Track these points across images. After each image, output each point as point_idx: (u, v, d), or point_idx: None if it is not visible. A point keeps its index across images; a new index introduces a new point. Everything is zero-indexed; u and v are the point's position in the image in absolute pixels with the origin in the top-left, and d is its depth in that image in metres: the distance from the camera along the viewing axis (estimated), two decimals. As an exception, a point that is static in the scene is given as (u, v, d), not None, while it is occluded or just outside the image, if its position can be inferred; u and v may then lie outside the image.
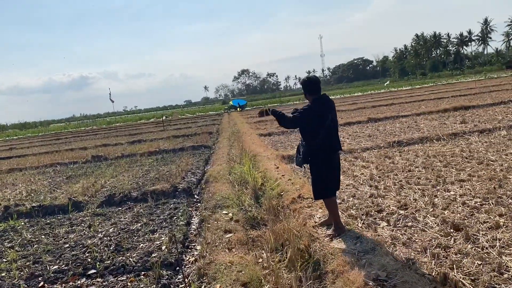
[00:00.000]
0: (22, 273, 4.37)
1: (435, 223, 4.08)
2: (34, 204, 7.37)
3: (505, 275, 2.93)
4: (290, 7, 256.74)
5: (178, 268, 4.15)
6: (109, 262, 4.40)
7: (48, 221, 6.52)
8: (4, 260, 4.86)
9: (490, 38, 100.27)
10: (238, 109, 43.52)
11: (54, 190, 8.99)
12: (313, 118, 4.03)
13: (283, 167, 7.63)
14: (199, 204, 6.85)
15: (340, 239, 3.98)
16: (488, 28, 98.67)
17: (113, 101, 68.09)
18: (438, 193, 5.09)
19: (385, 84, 74.29)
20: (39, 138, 34.42)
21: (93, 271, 4.23)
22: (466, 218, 4.12)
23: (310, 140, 4.11)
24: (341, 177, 6.55)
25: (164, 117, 37.66)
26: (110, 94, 73.75)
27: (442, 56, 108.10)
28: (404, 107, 19.56)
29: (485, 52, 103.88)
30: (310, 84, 4.17)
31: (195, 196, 7.48)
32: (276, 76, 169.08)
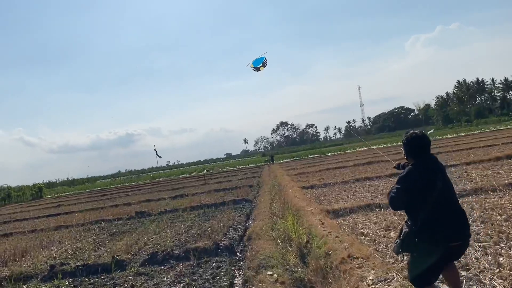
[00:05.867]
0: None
1: (504, 287, 3.65)
2: (78, 263, 7.41)
3: None
4: (326, 60, 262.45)
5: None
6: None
7: (92, 280, 6.50)
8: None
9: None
10: (270, 162, 43.70)
11: (98, 248, 9.05)
12: (414, 189, 3.11)
13: (329, 223, 7.32)
14: (242, 263, 6.62)
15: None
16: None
17: (160, 157, 70.27)
18: (503, 251, 4.64)
19: (428, 133, 72.47)
20: (86, 195, 35.63)
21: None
22: (541, 281, 3.67)
23: (414, 219, 3.17)
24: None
25: (205, 171, 38.15)
26: (155, 150, 76.12)
27: (488, 102, 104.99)
28: (452, 156, 18.77)
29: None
30: (415, 144, 3.32)
31: (238, 254, 7.26)
32: (315, 127, 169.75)
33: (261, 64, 10.57)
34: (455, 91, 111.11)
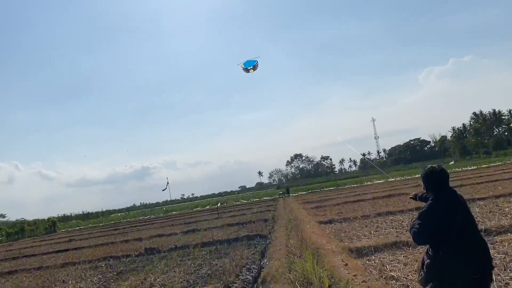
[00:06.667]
0: None
1: None
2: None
3: None
4: (340, 93, 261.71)
5: None
6: None
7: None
8: None
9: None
10: (285, 195, 42.80)
11: (102, 289, 8.41)
12: (435, 223, 3.10)
13: (353, 264, 6.58)
14: (256, 310, 5.90)
15: None
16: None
17: (163, 190, 69.24)
18: None
19: (450, 163, 70.77)
20: (99, 229, 35.06)
21: None
22: None
23: (435, 251, 3.13)
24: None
25: (219, 204, 37.43)
26: (168, 183, 75.26)
27: (506, 133, 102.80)
28: (477, 188, 17.82)
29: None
30: (434, 178, 3.32)
31: (252, 298, 6.55)
32: (330, 159, 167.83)
33: (251, 67, 10.17)
34: (471, 122, 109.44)
